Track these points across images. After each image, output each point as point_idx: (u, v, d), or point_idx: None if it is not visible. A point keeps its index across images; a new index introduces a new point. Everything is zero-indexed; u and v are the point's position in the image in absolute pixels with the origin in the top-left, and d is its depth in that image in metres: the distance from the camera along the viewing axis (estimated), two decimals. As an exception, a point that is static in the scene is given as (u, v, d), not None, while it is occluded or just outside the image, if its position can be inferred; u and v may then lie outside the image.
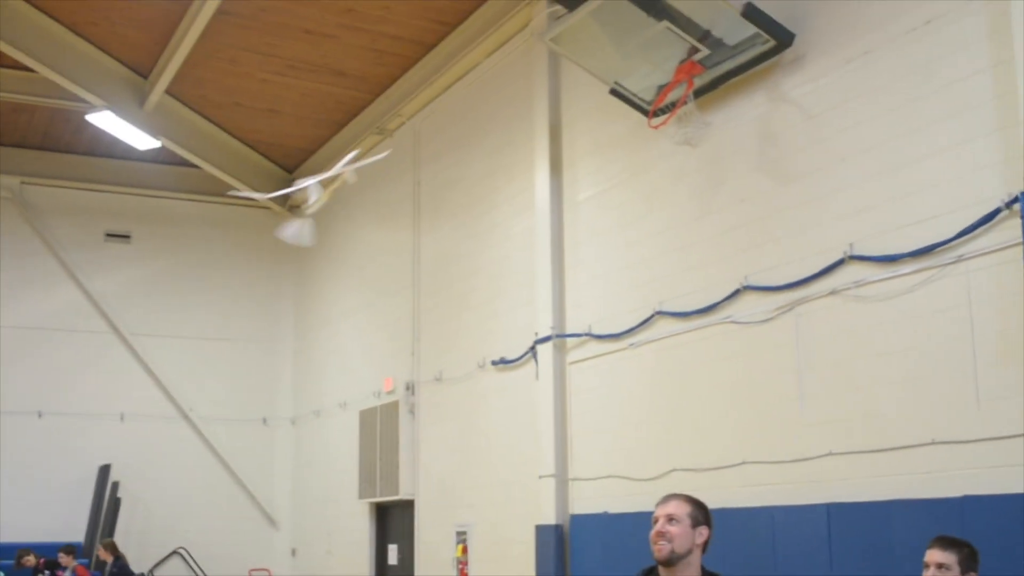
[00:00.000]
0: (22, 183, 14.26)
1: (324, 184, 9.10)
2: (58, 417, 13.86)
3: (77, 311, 14.26)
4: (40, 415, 13.84)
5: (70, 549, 11.70)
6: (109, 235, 14.56)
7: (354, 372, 13.02)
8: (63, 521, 13.46)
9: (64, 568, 11.73)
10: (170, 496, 14.07)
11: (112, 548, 11.57)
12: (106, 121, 12.59)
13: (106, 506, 13.37)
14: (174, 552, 13.96)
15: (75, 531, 13.47)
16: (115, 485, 13.49)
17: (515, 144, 9.88)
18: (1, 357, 13.82)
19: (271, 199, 12.78)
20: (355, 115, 12.90)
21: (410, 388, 11.45)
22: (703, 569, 3.31)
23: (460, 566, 10.11)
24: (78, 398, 13.95)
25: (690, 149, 7.62)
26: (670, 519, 3.27)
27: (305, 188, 9.19)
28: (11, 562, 11.86)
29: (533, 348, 9.19)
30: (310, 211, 9.61)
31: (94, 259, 14.45)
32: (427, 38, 10.94)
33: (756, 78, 7.21)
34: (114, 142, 13.26)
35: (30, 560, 11.82)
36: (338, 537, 13.08)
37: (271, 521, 14.70)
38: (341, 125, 13.23)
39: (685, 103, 7.41)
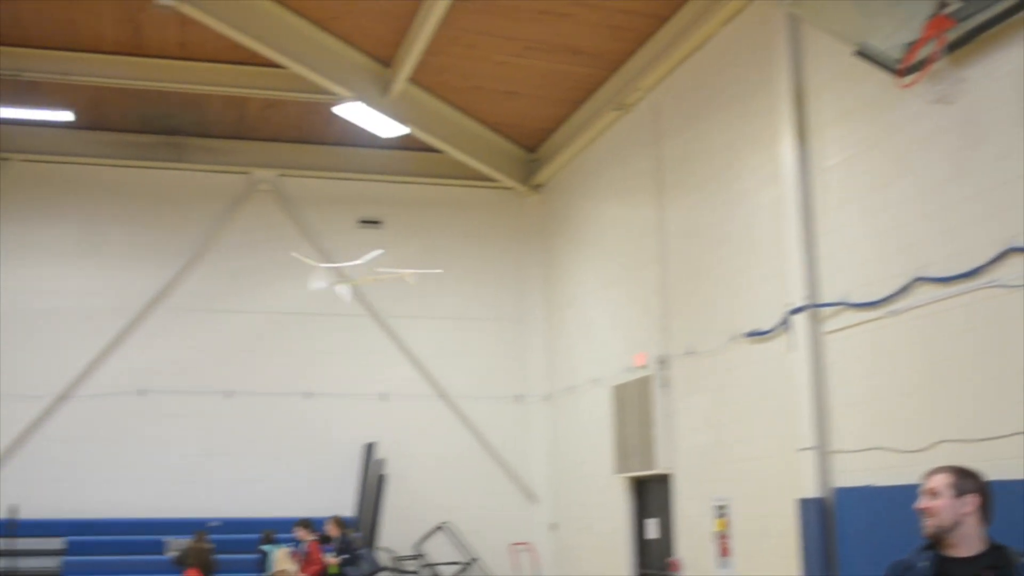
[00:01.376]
0: (279, 175, 16.35)
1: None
2: (323, 398, 15.87)
3: (334, 296, 16.19)
4: (306, 396, 15.85)
5: (306, 523, 13.61)
6: (362, 221, 16.40)
7: (605, 348, 14.12)
8: (331, 497, 15.51)
9: (331, 540, 13.62)
10: (432, 473, 15.82)
11: (339, 524, 13.42)
12: (353, 112, 14.25)
13: (372, 483, 15.22)
14: (438, 527, 15.64)
15: (343, 507, 15.51)
16: (380, 463, 15.30)
17: (757, 113, 10.54)
18: (268, 341, 15.90)
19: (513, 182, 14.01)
20: (593, 92, 13.92)
21: (662, 362, 12.37)
22: (989, 540, 3.46)
23: (721, 540, 10.93)
24: (341, 379, 15.95)
25: (943, 108, 7.94)
26: (931, 494, 3.49)
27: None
28: (288, 536, 13.81)
29: (786, 319, 9.78)
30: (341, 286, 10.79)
31: (348, 245, 16.34)
32: (661, 11, 11.76)
33: (1014, 28, 7.43)
34: (362, 131, 14.93)
35: (302, 533, 13.78)
36: (596, 512, 14.28)
37: (530, 496, 16.16)
38: (579, 103, 14.33)
39: (937, 59, 7.69)
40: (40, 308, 15.43)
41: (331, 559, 13.23)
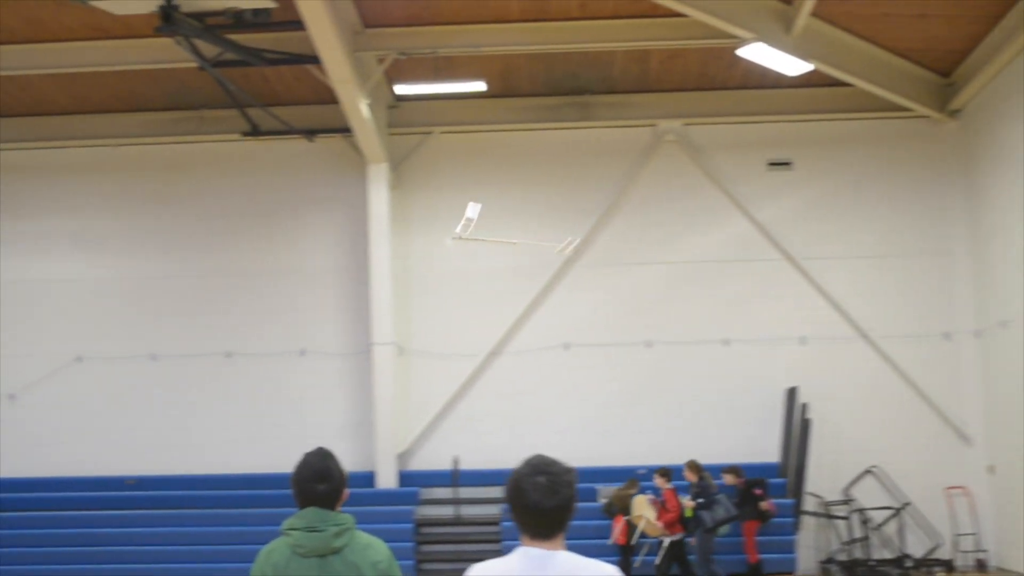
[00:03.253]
0: (684, 124, 18.93)
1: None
2: (741, 344, 18.27)
3: (748, 241, 18.59)
4: (724, 343, 18.31)
5: (665, 471, 16.09)
6: (771, 164, 18.63)
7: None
8: (753, 444, 18.03)
9: (761, 487, 15.96)
10: (857, 416, 17.88)
11: (696, 469, 15.65)
12: (757, 53, 16.36)
13: (796, 428, 17.41)
14: (866, 472, 17.58)
15: (765, 453, 17.84)
16: (803, 407, 17.43)
17: None
18: (683, 290, 18.68)
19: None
20: (1013, 5, 15.11)
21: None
22: None
23: None
24: (758, 325, 18.32)
25: None
26: None
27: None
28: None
29: None
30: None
31: (758, 189, 18.59)
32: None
33: None
34: (766, 72, 17.03)
35: (730, 479, 16.22)
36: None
37: (963, 438, 17.75)
38: (997, 19, 15.60)
39: None
40: (464, 271, 18.91)
41: (687, 503, 15.51)
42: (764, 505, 16.23)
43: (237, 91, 17.57)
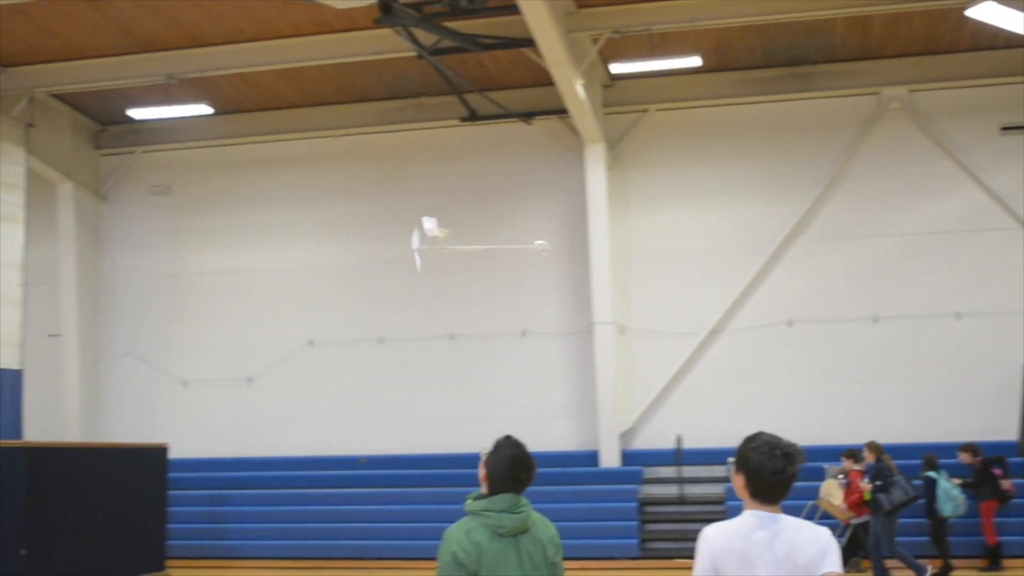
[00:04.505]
0: (910, 91, 18.85)
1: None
2: (976, 318, 18.13)
3: (980, 210, 18.41)
4: (957, 317, 18.18)
5: (851, 453, 15.93)
6: (1004, 128, 18.44)
7: None
8: (989, 421, 17.88)
9: (1001, 466, 15.85)
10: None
11: (875, 449, 15.46)
12: (987, 12, 16.18)
13: (1036, 404, 17.18)
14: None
15: (1002, 431, 17.73)
16: (1044, 382, 17.22)
17: None
18: (911, 263, 18.49)
19: None
20: None
21: None
22: None
23: None
24: (993, 297, 18.16)
25: None
26: None
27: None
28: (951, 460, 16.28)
29: None
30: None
31: (991, 155, 18.36)
32: None
33: None
34: (996, 32, 16.85)
35: (966, 457, 16.16)
36: None
37: None
38: None
39: None
40: (684, 249, 19.36)
41: (865, 486, 15.40)
42: (1004, 485, 16.11)
43: (454, 77, 18.51)
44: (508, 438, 5.08)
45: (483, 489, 4.97)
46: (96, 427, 21.07)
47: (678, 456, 18.88)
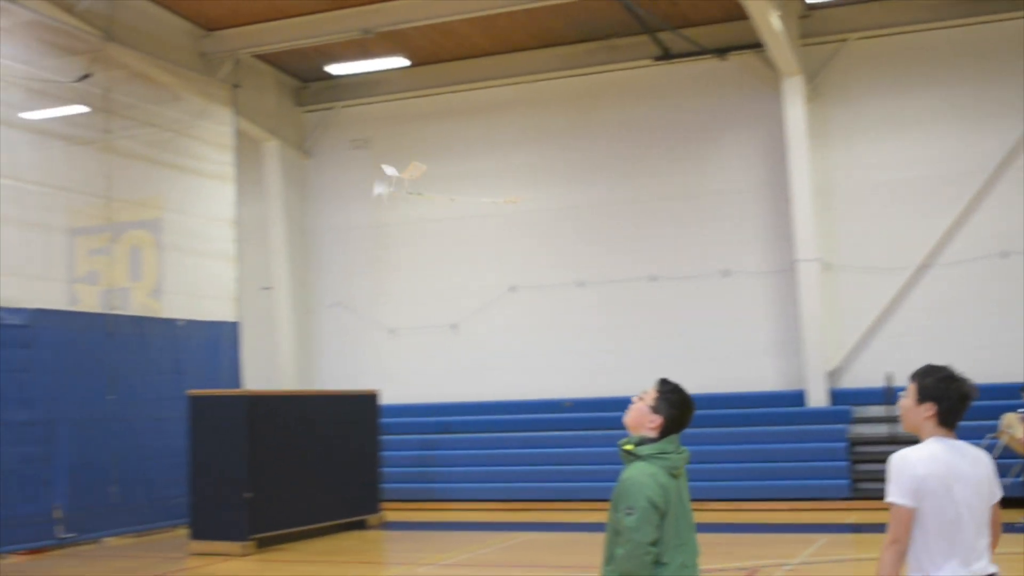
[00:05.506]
0: None
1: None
2: None
3: None
4: None
5: None
6: None
7: None
8: None
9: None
10: None
11: None
12: None
13: None
14: None
15: None
16: None
17: None
18: None
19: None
20: None
21: None
22: None
23: None
24: None
25: None
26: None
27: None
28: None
29: None
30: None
31: None
32: None
33: None
34: None
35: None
36: None
37: None
38: None
39: None
40: (888, 181, 18.84)
41: None
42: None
43: (646, 16, 18.42)
44: (667, 382, 5.25)
45: (647, 432, 5.10)
46: (310, 375, 22.03)
47: (888, 395, 18.49)
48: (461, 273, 21.45)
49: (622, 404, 17.88)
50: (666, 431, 5.10)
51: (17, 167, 15.15)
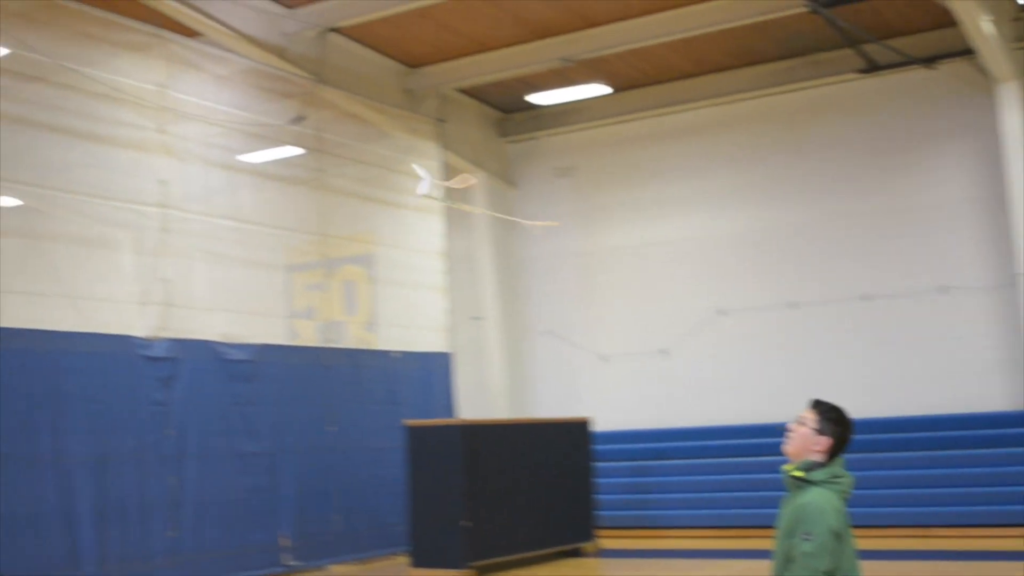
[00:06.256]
0: None
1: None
2: None
3: None
4: None
5: None
6: None
7: None
8: None
9: None
10: None
11: None
12: None
13: None
14: None
15: None
16: None
17: None
18: None
19: None
20: None
21: None
22: None
23: None
24: None
25: None
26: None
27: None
28: None
29: None
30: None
31: None
32: None
33: None
34: None
35: None
36: None
37: None
38: None
39: None
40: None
41: None
42: None
43: (849, 28, 17.95)
44: (824, 402, 5.18)
45: (814, 456, 5.05)
46: (522, 403, 22.20)
47: None
48: (670, 297, 21.29)
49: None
50: (834, 452, 5.05)
51: (239, 208, 15.85)
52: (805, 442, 5.05)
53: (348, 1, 17.25)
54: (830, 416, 5.05)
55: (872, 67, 19.28)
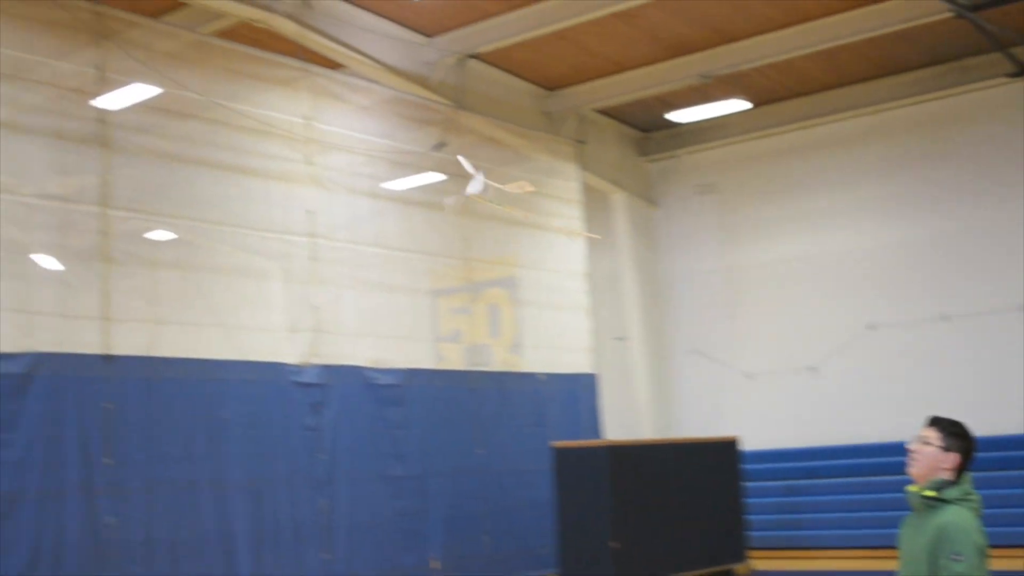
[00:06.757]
0: None
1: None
2: None
3: None
4: None
5: None
6: None
7: None
8: None
9: None
10: None
11: None
12: None
13: None
14: None
15: None
16: None
17: None
18: None
19: None
20: None
21: None
22: None
23: None
24: None
25: None
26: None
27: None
28: None
29: None
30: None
31: None
32: None
33: None
34: None
35: None
36: None
37: None
38: None
39: None
40: None
41: None
42: None
43: (997, 32, 17.43)
44: (944, 418, 5.10)
45: (943, 475, 4.93)
46: (667, 423, 22.04)
47: None
48: (816, 313, 20.94)
49: (1000, 443, 16.95)
50: (962, 468, 4.95)
51: (384, 235, 16.12)
52: (932, 461, 4.93)
53: (486, 27, 17.43)
54: (954, 432, 4.93)
55: (1022, 71, 18.68)
